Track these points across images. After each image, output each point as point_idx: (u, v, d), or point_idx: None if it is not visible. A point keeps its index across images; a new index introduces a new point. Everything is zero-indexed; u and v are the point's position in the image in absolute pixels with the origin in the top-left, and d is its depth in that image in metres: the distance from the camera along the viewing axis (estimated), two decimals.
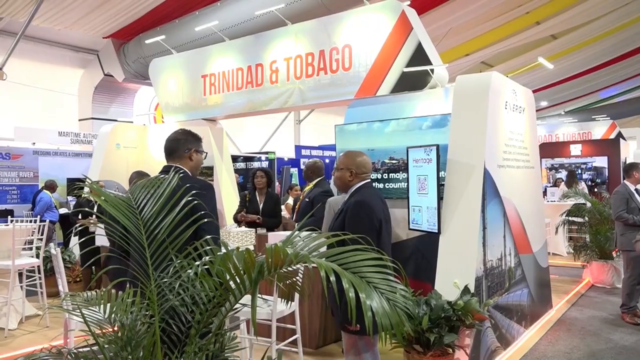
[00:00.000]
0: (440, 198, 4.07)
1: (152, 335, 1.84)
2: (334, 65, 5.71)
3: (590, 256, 7.09)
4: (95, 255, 5.50)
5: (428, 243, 4.41)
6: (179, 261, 1.88)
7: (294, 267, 1.77)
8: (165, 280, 1.96)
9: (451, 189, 4.13)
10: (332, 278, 1.43)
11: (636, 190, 5.56)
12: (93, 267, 6.31)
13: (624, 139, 12.73)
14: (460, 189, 4.09)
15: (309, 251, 1.62)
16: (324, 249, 1.79)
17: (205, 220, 2.21)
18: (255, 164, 11.38)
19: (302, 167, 6.95)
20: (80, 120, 11.93)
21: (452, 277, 3.87)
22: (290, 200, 8.38)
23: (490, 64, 14.82)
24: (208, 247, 1.87)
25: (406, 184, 4.51)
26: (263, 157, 11.75)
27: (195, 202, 2.11)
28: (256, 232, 5.22)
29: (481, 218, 4.00)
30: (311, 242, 1.71)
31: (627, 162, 8.17)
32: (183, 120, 7.58)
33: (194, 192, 2.12)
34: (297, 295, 3.59)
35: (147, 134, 8.27)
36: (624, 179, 5.74)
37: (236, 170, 9.89)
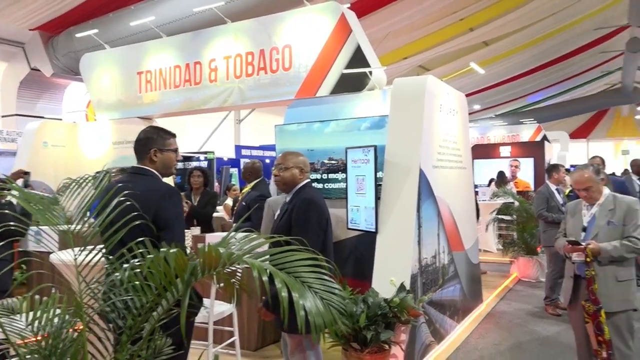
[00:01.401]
0: (377, 198, 4.15)
1: (79, 343, 1.76)
2: (274, 65, 5.70)
3: (518, 252, 7.48)
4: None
5: (366, 242, 4.49)
6: (107, 265, 1.81)
7: (232, 268, 1.75)
8: (94, 284, 1.89)
9: (388, 189, 4.23)
10: (265, 278, 1.43)
11: (557, 189, 5.93)
12: None
13: (548, 141, 13.52)
14: (397, 189, 4.19)
15: (243, 252, 1.60)
16: (264, 248, 1.79)
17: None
18: (194, 164, 11.13)
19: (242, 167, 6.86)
20: (3, 116, 11.19)
21: (389, 275, 3.96)
22: (229, 201, 8.26)
23: (427, 68, 15.28)
24: (144, 249, 1.82)
25: (345, 184, 4.58)
26: (202, 157, 11.52)
27: (128, 203, 2.05)
28: (199, 228, 5.08)
29: (416, 217, 4.12)
30: (247, 243, 1.70)
31: (551, 163, 8.68)
32: (117, 118, 7.30)
33: (126, 192, 2.05)
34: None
35: (77, 132, 7.90)
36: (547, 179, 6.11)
37: None
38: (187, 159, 11.34)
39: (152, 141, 2.63)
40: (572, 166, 12.57)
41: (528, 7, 12.05)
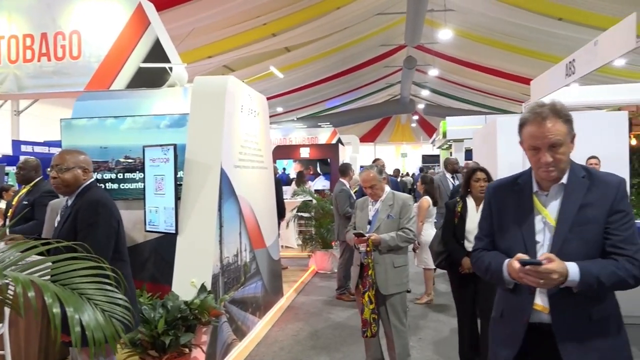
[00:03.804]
0: (177, 198, 4.03)
1: None
2: (60, 51, 5.11)
3: (315, 246, 8.03)
4: None
5: (166, 244, 4.33)
6: None
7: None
8: None
9: (189, 189, 4.14)
10: (31, 294, 1.26)
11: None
12: None
13: (342, 144, 14.83)
14: (198, 188, 4.13)
15: (7, 264, 1.39)
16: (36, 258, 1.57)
17: None
18: None
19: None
20: None
21: (190, 276, 3.88)
22: (3, 204, 7.14)
23: (232, 69, 15.38)
24: None
25: (143, 184, 4.34)
26: None
27: None
28: None
29: (218, 217, 4.11)
30: (14, 252, 1.48)
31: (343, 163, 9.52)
32: None
33: None
34: (6, 315, 3.08)
35: None
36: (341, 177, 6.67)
37: None
38: None
39: None
40: (361, 167, 13.98)
41: (325, 19, 13.04)
